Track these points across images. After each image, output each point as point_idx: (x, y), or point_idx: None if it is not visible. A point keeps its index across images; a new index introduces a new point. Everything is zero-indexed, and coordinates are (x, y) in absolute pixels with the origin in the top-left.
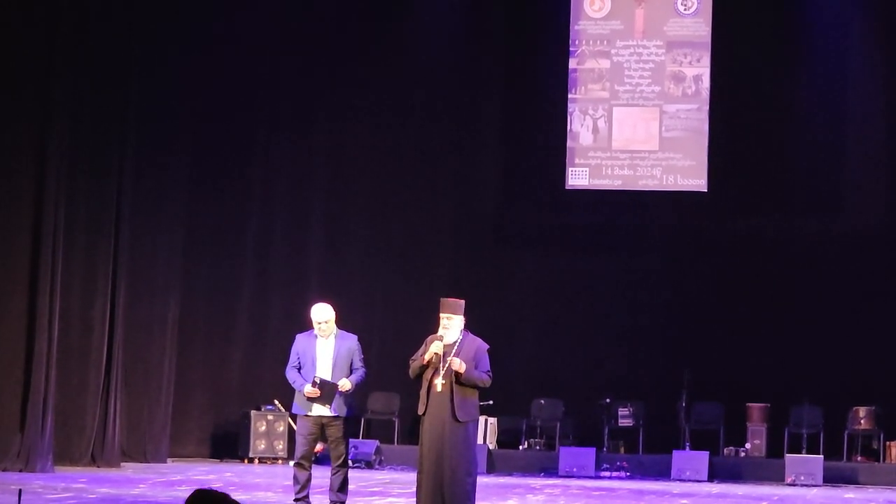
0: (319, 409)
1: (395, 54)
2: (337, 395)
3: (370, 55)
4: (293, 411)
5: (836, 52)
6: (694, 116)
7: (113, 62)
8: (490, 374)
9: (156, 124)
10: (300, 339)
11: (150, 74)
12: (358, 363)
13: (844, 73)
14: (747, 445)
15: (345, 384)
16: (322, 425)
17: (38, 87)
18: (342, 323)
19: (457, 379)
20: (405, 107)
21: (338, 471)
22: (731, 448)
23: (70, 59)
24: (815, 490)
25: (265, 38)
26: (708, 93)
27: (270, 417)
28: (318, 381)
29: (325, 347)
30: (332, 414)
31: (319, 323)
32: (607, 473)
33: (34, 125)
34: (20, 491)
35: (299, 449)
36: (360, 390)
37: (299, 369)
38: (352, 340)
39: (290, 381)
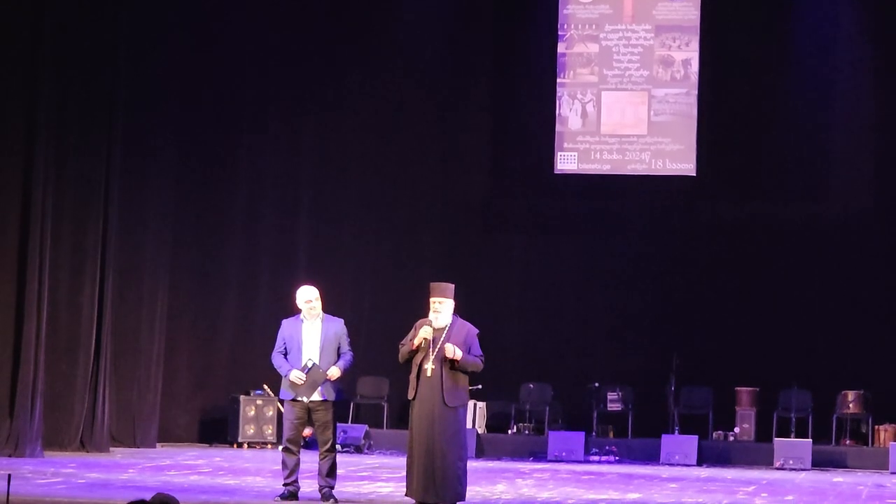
0: (306, 394)
1: (384, 39)
2: (325, 381)
3: (359, 40)
4: (280, 396)
5: (824, 37)
6: (683, 101)
7: (100, 48)
8: (482, 358)
9: (143, 111)
10: (286, 325)
11: (137, 60)
12: (345, 347)
13: (833, 58)
14: (736, 429)
15: (334, 372)
16: (309, 410)
17: (25, 74)
18: (331, 307)
19: (450, 364)
20: (394, 92)
21: (326, 455)
22: (719, 432)
23: (57, 45)
24: (803, 474)
25: (254, 22)
26: (697, 77)
27: (259, 402)
28: (311, 366)
29: (312, 332)
30: (320, 398)
31: (308, 301)
32: (596, 458)
33: (21, 111)
34: (9, 476)
35: (287, 433)
36: (349, 374)
37: (285, 355)
38: (338, 324)
39: (276, 367)
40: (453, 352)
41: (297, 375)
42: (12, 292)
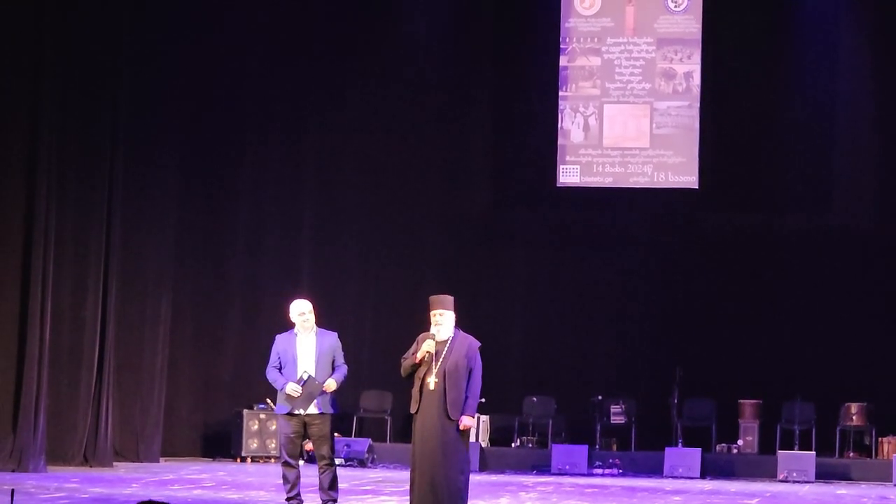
0: (302, 407)
1: (385, 54)
2: (321, 393)
3: (360, 52)
4: (276, 411)
5: (825, 48)
6: (685, 113)
7: (102, 59)
8: (480, 374)
9: (145, 123)
10: (280, 339)
11: (139, 72)
12: (340, 360)
13: (834, 70)
14: (739, 442)
15: (330, 385)
16: (305, 423)
17: (27, 85)
18: (333, 321)
19: (449, 376)
20: (396, 105)
21: (325, 469)
22: (723, 445)
23: (59, 55)
24: (807, 486)
25: (255, 35)
26: (699, 90)
27: (263, 416)
28: (307, 378)
29: (307, 345)
30: (317, 411)
31: (302, 314)
32: (600, 471)
33: (23, 124)
34: (13, 491)
35: (285, 448)
36: (352, 387)
37: (280, 369)
38: (333, 337)
39: (271, 381)
40: (468, 423)
41: (293, 388)
42: (15, 307)
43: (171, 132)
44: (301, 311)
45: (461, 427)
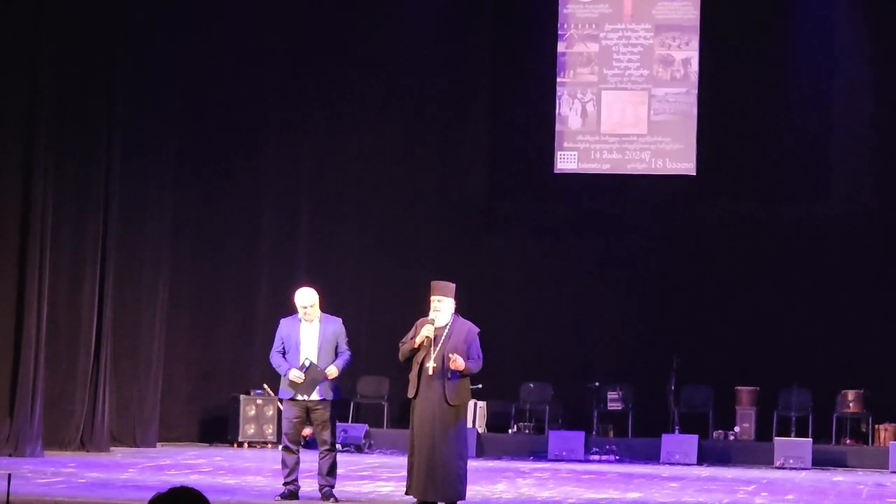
0: (305, 393)
1: (383, 39)
2: (323, 380)
3: (358, 40)
4: (279, 396)
5: (823, 36)
6: (682, 100)
7: (100, 46)
8: (481, 356)
9: (143, 108)
10: (284, 324)
11: (137, 58)
12: (343, 346)
13: (832, 57)
14: (736, 429)
15: (332, 371)
16: (308, 409)
17: (25, 71)
18: (331, 307)
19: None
20: (393, 92)
21: (325, 455)
22: (720, 431)
23: (57, 42)
24: (803, 473)
25: (253, 21)
26: (696, 76)
27: (260, 401)
28: (308, 365)
29: (310, 331)
30: (319, 397)
31: (304, 307)
32: (596, 457)
33: (21, 110)
34: (9, 475)
35: (286, 432)
36: (349, 373)
37: (284, 354)
38: (336, 324)
39: (275, 366)
40: (456, 362)
41: (296, 374)
42: (13, 292)
43: (170, 118)
44: (304, 304)
45: (451, 364)
